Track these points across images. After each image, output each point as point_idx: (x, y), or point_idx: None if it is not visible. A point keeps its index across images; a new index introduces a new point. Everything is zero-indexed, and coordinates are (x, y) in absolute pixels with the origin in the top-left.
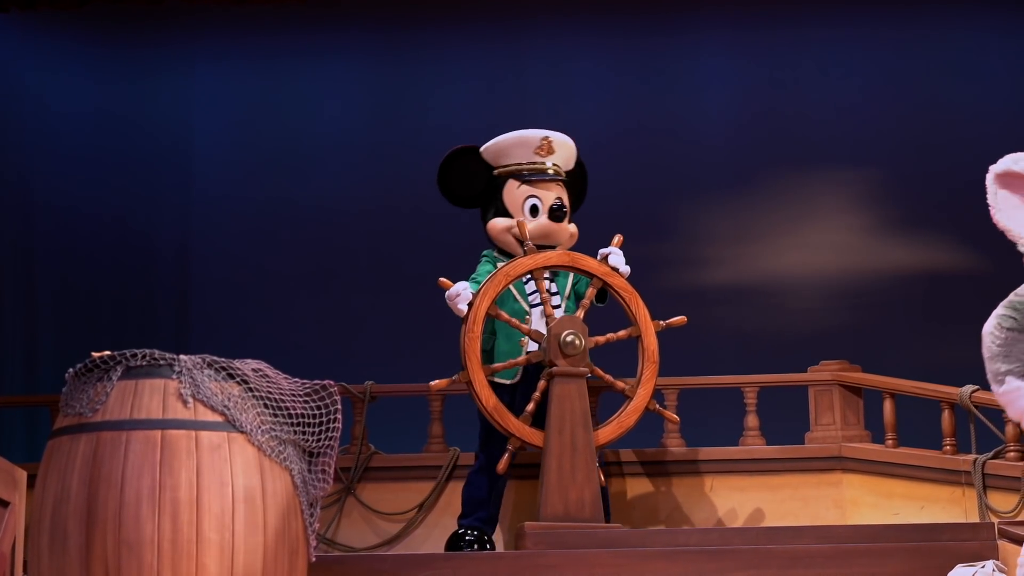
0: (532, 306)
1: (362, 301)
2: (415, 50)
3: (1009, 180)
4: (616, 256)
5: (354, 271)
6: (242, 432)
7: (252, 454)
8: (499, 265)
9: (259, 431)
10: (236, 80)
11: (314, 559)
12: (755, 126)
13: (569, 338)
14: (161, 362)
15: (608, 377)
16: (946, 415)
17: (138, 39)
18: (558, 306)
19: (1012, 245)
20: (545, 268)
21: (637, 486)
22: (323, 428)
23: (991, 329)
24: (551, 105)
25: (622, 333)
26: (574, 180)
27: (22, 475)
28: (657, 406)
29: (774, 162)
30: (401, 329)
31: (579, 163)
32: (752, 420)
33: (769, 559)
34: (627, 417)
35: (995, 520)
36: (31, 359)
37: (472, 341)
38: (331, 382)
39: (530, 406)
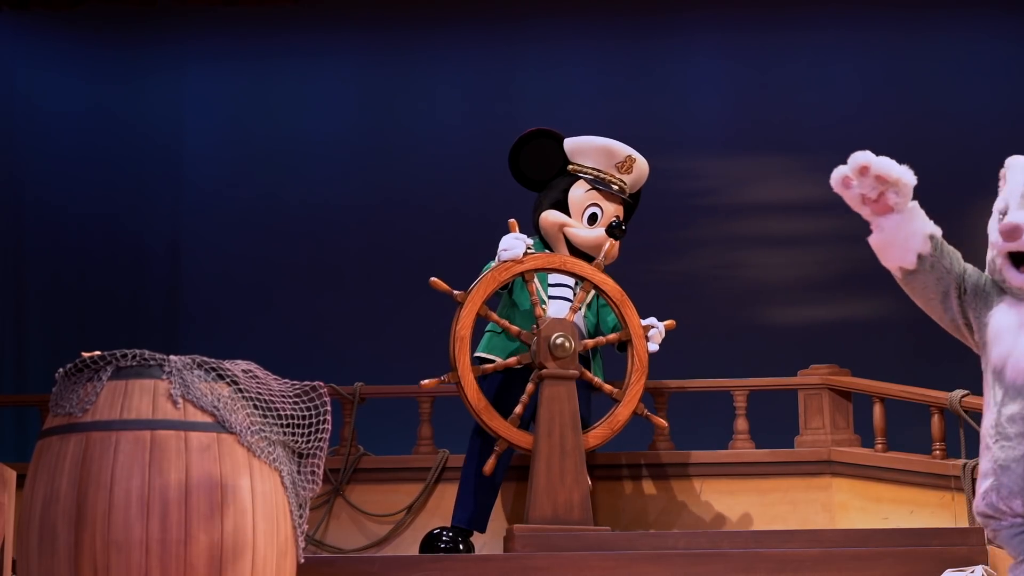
0: (549, 298)
1: (352, 302)
2: (406, 50)
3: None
4: (657, 331)
5: (344, 271)
6: (232, 433)
7: (241, 455)
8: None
9: (248, 432)
10: (227, 80)
11: (303, 560)
12: (746, 129)
13: (559, 340)
14: (151, 362)
15: (597, 380)
16: (935, 419)
17: (130, 39)
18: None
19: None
20: (534, 271)
21: (626, 489)
22: (312, 429)
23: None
24: (543, 107)
25: (612, 337)
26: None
27: (11, 475)
28: (646, 411)
29: (765, 165)
30: (391, 330)
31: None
32: (742, 424)
33: (758, 563)
34: (615, 421)
35: None
36: (21, 358)
37: (461, 342)
38: (320, 383)
39: (518, 408)
